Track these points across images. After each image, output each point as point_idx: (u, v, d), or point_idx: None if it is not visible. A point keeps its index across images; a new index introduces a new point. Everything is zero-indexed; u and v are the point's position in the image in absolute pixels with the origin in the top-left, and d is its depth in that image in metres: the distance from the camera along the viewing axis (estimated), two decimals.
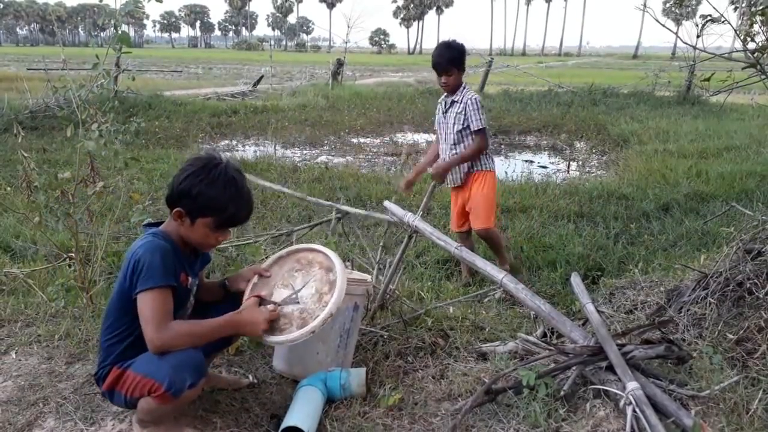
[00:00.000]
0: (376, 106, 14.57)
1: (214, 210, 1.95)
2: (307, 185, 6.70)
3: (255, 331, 1.98)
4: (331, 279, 2.14)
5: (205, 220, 1.96)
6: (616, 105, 14.44)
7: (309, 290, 2.14)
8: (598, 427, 1.92)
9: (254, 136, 10.98)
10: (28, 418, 2.16)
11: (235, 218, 2.02)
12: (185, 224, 1.98)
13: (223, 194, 1.94)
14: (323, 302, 2.07)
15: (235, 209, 1.99)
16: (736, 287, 2.59)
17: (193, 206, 1.94)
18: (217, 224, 1.98)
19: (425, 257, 4.57)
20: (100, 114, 3.26)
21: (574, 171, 8.58)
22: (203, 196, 1.92)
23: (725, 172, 6.96)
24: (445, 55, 3.96)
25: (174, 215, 1.96)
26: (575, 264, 4.53)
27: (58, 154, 7.75)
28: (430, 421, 2.14)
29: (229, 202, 1.96)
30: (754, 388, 2.07)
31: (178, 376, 1.80)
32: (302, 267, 2.26)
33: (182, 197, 1.94)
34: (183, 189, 1.93)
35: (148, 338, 1.82)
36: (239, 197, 1.99)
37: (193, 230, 1.98)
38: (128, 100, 11.66)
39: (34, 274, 3.56)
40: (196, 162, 1.97)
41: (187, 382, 1.81)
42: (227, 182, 1.95)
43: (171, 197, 1.97)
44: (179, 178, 1.95)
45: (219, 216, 1.96)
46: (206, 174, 1.93)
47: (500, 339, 2.77)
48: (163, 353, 1.82)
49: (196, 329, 1.91)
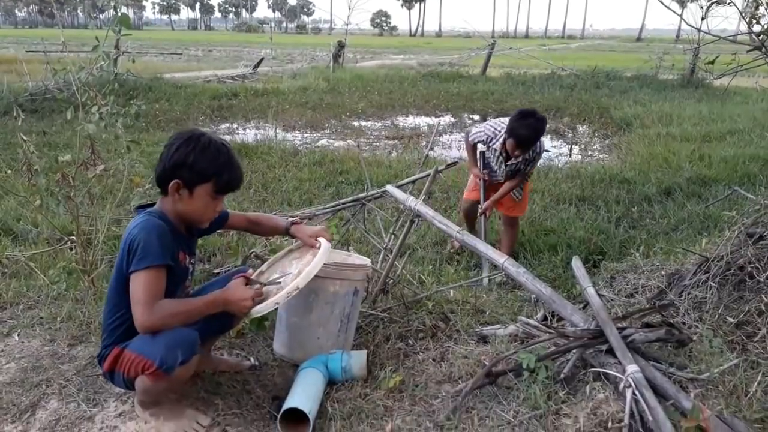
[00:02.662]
0: (378, 89, 14.49)
1: (212, 174, 1.96)
2: (308, 169, 6.69)
3: (242, 308, 1.99)
4: None
5: (204, 186, 1.96)
6: (619, 88, 14.35)
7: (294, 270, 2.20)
8: (598, 410, 1.93)
9: (255, 119, 10.93)
10: (31, 399, 2.18)
11: (232, 181, 2.03)
12: (183, 197, 1.96)
13: (218, 158, 1.96)
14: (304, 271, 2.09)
15: (231, 172, 2.01)
16: (737, 271, 2.59)
17: (190, 175, 1.94)
18: (216, 189, 1.99)
19: (425, 241, 4.57)
20: (100, 97, 3.24)
21: (577, 155, 8.55)
22: (199, 162, 1.93)
23: (728, 156, 6.93)
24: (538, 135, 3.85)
25: (171, 189, 1.94)
26: (576, 248, 4.53)
27: (58, 137, 7.73)
28: (430, 402, 2.15)
29: (225, 165, 1.98)
30: (753, 371, 2.08)
31: (170, 353, 1.81)
32: (299, 256, 2.31)
33: (177, 169, 1.93)
34: (177, 161, 1.92)
35: (137, 319, 1.83)
36: (232, 160, 2.01)
37: (192, 201, 1.98)
38: (128, 82, 11.59)
39: (36, 257, 3.57)
40: (180, 136, 1.97)
41: (179, 359, 1.83)
42: (218, 147, 1.97)
43: (164, 173, 1.95)
44: (169, 153, 1.94)
45: (218, 180, 1.97)
46: (196, 142, 1.94)
47: (501, 322, 2.78)
48: (153, 333, 1.84)
49: (183, 308, 1.91)
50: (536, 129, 3.79)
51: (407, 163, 7.07)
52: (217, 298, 1.97)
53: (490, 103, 12.88)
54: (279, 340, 2.54)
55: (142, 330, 1.84)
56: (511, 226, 4.42)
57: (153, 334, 1.84)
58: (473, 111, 12.40)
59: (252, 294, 2.00)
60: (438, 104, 12.87)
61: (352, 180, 6.27)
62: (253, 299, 1.99)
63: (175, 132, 2.05)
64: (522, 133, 3.78)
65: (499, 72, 18.39)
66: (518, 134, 3.80)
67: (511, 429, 1.93)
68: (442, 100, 13.18)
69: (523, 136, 3.79)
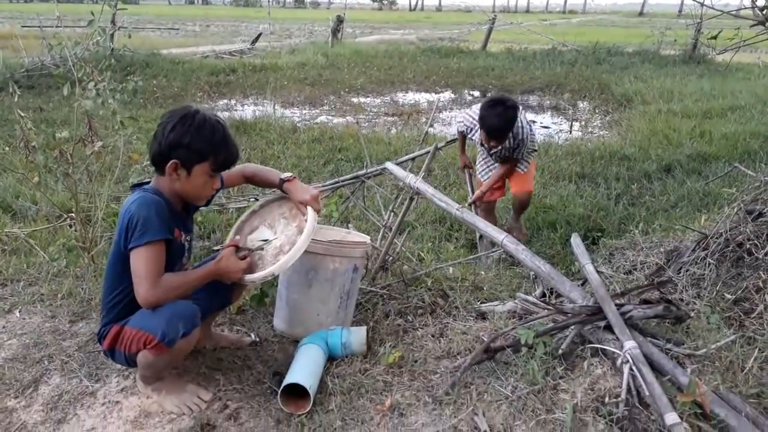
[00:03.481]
0: (377, 64, 14.35)
1: (210, 153, 1.95)
2: (307, 146, 6.65)
3: (234, 277, 2.06)
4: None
5: (202, 166, 1.96)
6: (620, 64, 14.21)
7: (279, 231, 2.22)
8: (595, 385, 1.95)
9: (253, 95, 10.85)
10: (33, 375, 2.20)
11: (229, 159, 2.03)
12: (181, 177, 1.96)
13: (214, 137, 1.95)
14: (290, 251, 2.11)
15: (228, 149, 2.01)
16: (735, 248, 2.60)
17: (187, 155, 1.93)
18: (213, 168, 1.99)
19: (424, 218, 4.58)
20: (96, 72, 3.21)
21: (577, 131, 8.51)
22: (196, 141, 1.92)
23: (729, 133, 6.90)
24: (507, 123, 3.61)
25: (169, 169, 1.94)
26: (575, 225, 4.53)
27: (56, 113, 7.68)
28: (429, 378, 2.17)
29: (221, 143, 1.98)
30: (749, 347, 2.10)
31: (171, 326, 1.84)
32: (290, 217, 2.29)
33: (174, 149, 1.92)
34: (173, 141, 1.91)
35: (141, 295, 1.85)
36: (228, 138, 2.01)
37: (190, 181, 1.98)
38: (125, 58, 11.47)
39: (35, 234, 3.57)
40: (173, 114, 1.96)
41: (180, 332, 1.86)
42: (213, 125, 1.96)
43: (160, 153, 1.94)
44: (165, 132, 1.92)
45: (215, 158, 1.97)
46: (191, 122, 1.92)
47: (499, 299, 2.80)
48: (155, 308, 1.86)
49: (183, 280, 1.95)
50: (506, 119, 3.56)
51: (407, 140, 7.03)
52: (211, 270, 2.02)
53: (490, 79, 12.78)
54: (279, 317, 2.55)
55: (145, 305, 1.86)
56: (523, 207, 4.24)
57: (153, 309, 1.87)
58: (473, 87, 12.30)
59: (243, 266, 2.06)
60: (438, 80, 12.77)
61: (352, 157, 6.24)
62: (242, 270, 2.06)
63: (168, 110, 2.03)
64: (491, 124, 3.59)
65: (500, 47, 18.20)
66: (488, 125, 3.61)
67: (509, 404, 1.95)
68: (442, 76, 13.07)
69: (493, 127, 3.60)
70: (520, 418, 1.89)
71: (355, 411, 2.01)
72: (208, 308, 2.21)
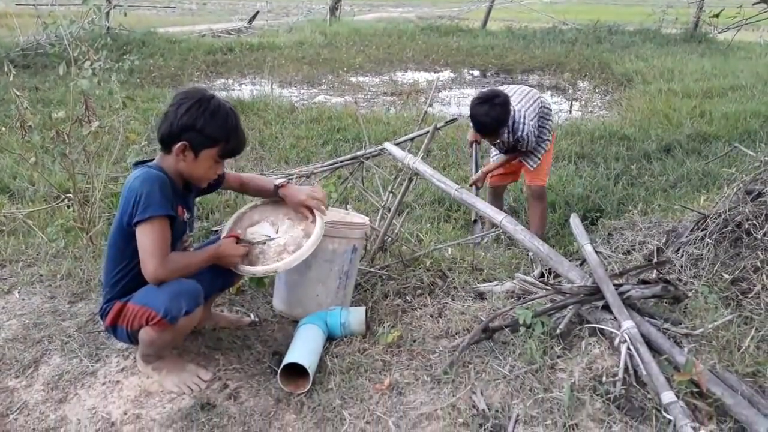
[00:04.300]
0: (376, 43, 14.20)
1: (220, 140, 1.98)
2: (305, 126, 6.61)
3: (231, 263, 2.13)
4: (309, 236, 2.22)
5: (210, 151, 1.98)
6: (621, 43, 14.06)
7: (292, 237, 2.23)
8: (593, 364, 1.96)
9: (251, 74, 10.75)
10: (34, 355, 2.21)
11: (238, 147, 2.07)
12: (188, 158, 1.97)
13: (227, 124, 1.98)
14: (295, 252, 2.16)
15: (238, 138, 2.04)
16: (734, 228, 2.60)
17: (198, 138, 1.94)
18: (221, 154, 2.02)
19: (423, 199, 4.57)
20: (92, 51, 3.18)
21: (577, 111, 8.46)
22: (209, 127, 1.94)
23: (729, 113, 6.86)
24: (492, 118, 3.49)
25: (177, 150, 1.95)
26: (575, 205, 4.54)
27: (52, 92, 7.62)
28: (428, 357, 2.18)
29: (232, 131, 2.00)
30: (746, 326, 2.11)
31: (174, 303, 1.86)
32: (295, 219, 2.32)
33: (186, 131, 1.93)
34: (186, 123, 1.92)
35: (150, 270, 1.86)
36: (239, 126, 2.03)
37: (196, 163, 1.99)
38: (121, 37, 11.33)
39: (33, 214, 3.57)
40: (188, 96, 1.96)
41: (183, 309, 1.88)
42: (227, 112, 1.98)
43: (170, 133, 1.95)
44: (178, 113, 1.92)
45: (225, 145, 2.00)
46: (206, 106, 1.94)
47: (498, 279, 2.80)
48: (160, 284, 1.89)
49: (188, 262, 2.01)
50: (494, 117, 3.51)
51: (406, 119, 6.99)
52: (212, 253, 2.08)
53: (490, 58, 12.66)
54: (278, 297, 2.56)
55: (153, 281, 1.89)
56: (535, 198, 4.06)
57: (157, 286, 1.90)
58: (473, 66, 12.19)
59: (242, 252, 2.13)
60: (437, 59, 12.64)
61: (350, 137, 6.21)
62: (241, 257, 2.13)
63: (181, 90, 2.04)
64: (478, 122, 3.55)
65: (500, 26, 17.98)
66: (475, 123, 3.58)
67: (506, 383, 1.97)
68: (441, 55, 12.94)
69: (480, 125, 3.57)
70: (517, 397, 1.90)
71: (354, 390, 2.03)
72: (210, 288, 2.22)
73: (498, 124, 3.54)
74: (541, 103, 3.80)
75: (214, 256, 2.08)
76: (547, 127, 3.87)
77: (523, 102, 3.69)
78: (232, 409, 1.96)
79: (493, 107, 3.47)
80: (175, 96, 2.00)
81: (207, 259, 2.06)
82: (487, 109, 3.48)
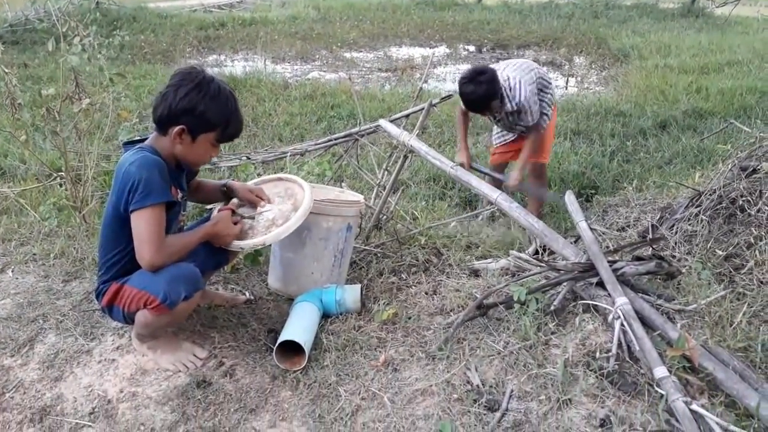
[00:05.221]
0: (370, 17, 14.02)
1: (219, 124, 1.95)
2: (299, 102, 6.56)
3: (226, 242, 2.09)
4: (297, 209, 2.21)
5: (208, 135, 1.96)
6: (618, 18, 13.93)
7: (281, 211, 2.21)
8: (587, 340, 1.98)
9: (243, 50, 10.62)
10: (29, 334, 2.21)
11: (236, 132, 2.05)
12: (185, 142, 1.94)
13: (227, 108, 1.95)
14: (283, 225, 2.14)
15: (237, 123, 2.02)
16: (728, 204, 2.60)
17: (197, 122, 1.91)
18: (219, 138, 2.00)
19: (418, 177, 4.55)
20: (81, 27, 3.12)
21: (573, 87, 8.41)
22: (209, 111, 1.91)
23: (725, 88, 6.84)
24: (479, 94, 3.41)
25: (174, 133, 1.91)
26: (570, 182, 4.53)
27: (41, 69, 7.51)
28: (423, 334, 2.19)
29: (232, 116, 1.98)
30: (739, 302, 2.13)
31: (173, 288, 1.85)
32: (285, 196, 2.31)
33: (184, 114, 1.89)
34: (185, 106, 1.88)
35: (146, 259, 1.84)
36: (238, 110, 2.01)
37: (192, 147, 1.97)
38: (111, 12, 11.17)
39: (26, 193, 3.54)
40: (187, 78, 1.91)
41: (182, 294, 1.87)
42: (227, 96, 1.96)
43: (169, 115, 1.90)
44: (177, 96, 1.88)
45: (223, 130, 1.98)
46: (206, 89, 1.90)
47: (492, 256, 2.81)
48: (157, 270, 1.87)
49: (184, 243, 1.97)
50: (480, 95, 3.43)
51: (401, 96, 6.93)
52: (207, 231, 2.05)
53: (486, 33, 12.53)
54: (273, 275, 2.56)
55: (149, 268, 1.86)
56: (535, 177, 3.97)
57: (155, 271, 1.88)
58: (468, 41, 12.07)
59: (237, 231, 2.10)
60: (432, 34, 12.50)
61: (344, 114, 6.17)
62: (236, 235, 2.10)
63: (180, 70, 1.97)
64: (467, 99, 3.50)
65: (496, 0, 17.79)
66: (464, 101, 3.53)
67: (501, 359, 1.98)
68: (436, 30, 12.79)
69: (468, 103, 3.52)
70: (512, 373, 1.92)
71: (349, 367, 2.04)
72: (204, 267, 2.21)
73: (487, 99, 3.47)
74: (538, 74, 3.69)
75: (210, 233, 2.05)
76: (546, 101, 3.76)
77: (517, 71, 3.59)
78: (228, 386, 1.97)
79: (479, 85, 3.41)
80: (174, 76, 1.95)
81: (202, 237, 2.03)
82: (473, 87, 3.42)
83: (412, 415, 1.81)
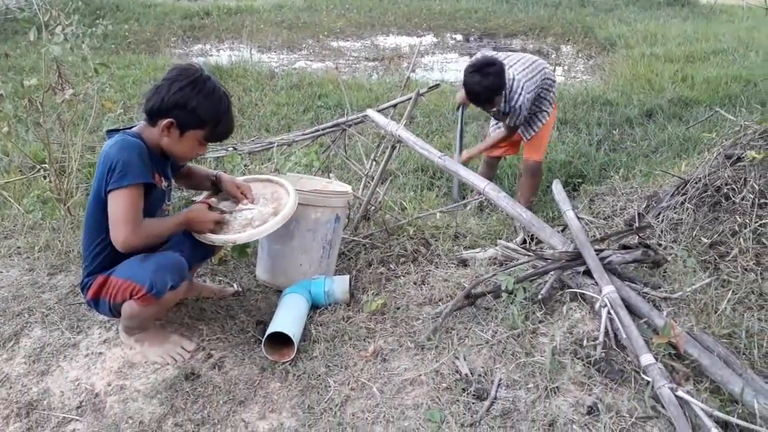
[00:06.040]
0: (357, 6, 13.91)
1: (208, 123, 1.95)
2: (285, 92, 6.51)
3: (202, 229, 2.06)
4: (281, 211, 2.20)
5: (196, 132, 1.95)
6: (605, 6, 13.93)
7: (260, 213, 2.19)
8: (574, 329, 1.99)
9: (228, 39, 10.51)
10: (14, 328, 2.18)
11: (225, 133, 2.04)
12: (172, 136, 1.94)
13: (219, 108, 1.95)
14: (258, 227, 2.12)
15: (227, 123, 2.01)
16: (713, 192, 2.63)
17: (187, 118, 1.91)
18: (206, 137, 1.99)
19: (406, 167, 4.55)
20: (63, 16, 3.07)
21: (560, 76, 8.41)
22: (201, 108, 1.91)
23: (711, 77, 6.87)
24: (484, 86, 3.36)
25: (163, 126, 1.91)
26: (557, 171, 4.55)
27: (23, 59, 7.39)
28: (411, 324, 2.20)
29: (223, 116, 1.97)
30: (723, 289, 2.15)
31: (159, 277, 1.84)
32: (270, 199, 2.29)
33: (175, 109, 1.89)
34: (177, 100, 1.88)
35: (120, 238, 1.82)
36: (230, 111, 2.01)
37: (179, 142, 1.96)
38: (93, 1, 10.98)
39: (9, 186, 3.49)
40: (184, 73, 1.91)
41: (168, 283, 1.86)
42: (221, 96, 1.96)
43: (160, 108, 1.90)
44: (171, 89, 1.88)
45: (212, 129, 1.97)
46: (201, 87, 1.90)
47: (480, 246, 2.82)
48: (138, 255, 1.87)
49: (158, 227, 1.95)
50: (486, 87, 3.38)
51: (388, 86, 6.91)
52: (184, 218, 2.02)
53: (473, 22, 12.48)
54: (262, 267, 2.55)
55: (122, 248, 1.85)
56: (529, 174, 3.93)
57: (140, 259, 1.88)
58: (456, 30, 12.03)
59: (213, 218, 2.08)
60: (420, 23, 12.44)
61: (332, 104, 6.13)
62: (213, 223, 2.07)
63: (179, 65, 1.97)
64: (471, 90, 3.45)
65: None
66: (468, 92, 3.48)
67: (489, 348, 1.99)
68: (423, 19, 12.73)
69: (472, 94, 3.47)
70: (500, 362, 1.93)
71: (338, 357, 2.04)
72: (191, 259, 2.19)
73: (491, 93, 3.42)
74: (545, 74, 3.66)
75: (186, 220, 2.02)
76: (548, 99, 3.74)
77: (525, 72, 3.54)
78: (217, 378, 1.96)
79: (486, 76, 3.36)
80: (171, 70, 1.95)
81: (178, 224, 2.01)
82: (479, 78, 3.37)
83: (402, 404, 1.81)
